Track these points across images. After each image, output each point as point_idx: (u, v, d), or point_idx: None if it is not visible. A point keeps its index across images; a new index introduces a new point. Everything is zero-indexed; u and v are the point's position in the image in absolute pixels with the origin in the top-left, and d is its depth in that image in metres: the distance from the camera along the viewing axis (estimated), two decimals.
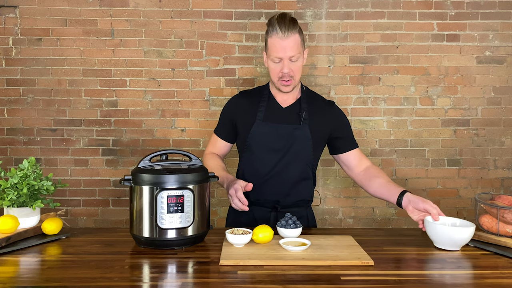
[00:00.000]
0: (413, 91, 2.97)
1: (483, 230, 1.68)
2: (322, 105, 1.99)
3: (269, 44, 1.82)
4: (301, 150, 1.90)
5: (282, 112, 1.93)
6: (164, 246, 1.56)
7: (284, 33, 1.76)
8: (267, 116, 1.91)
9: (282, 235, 1.62)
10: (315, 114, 1.94)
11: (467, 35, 2.95)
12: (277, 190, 1.91)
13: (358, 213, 3.02)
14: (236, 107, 1.99)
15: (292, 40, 1.78)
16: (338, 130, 1.99)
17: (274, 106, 1.94)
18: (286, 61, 1.80)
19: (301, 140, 1.89)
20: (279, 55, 1.79)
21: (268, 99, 1.96)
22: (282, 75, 1.82)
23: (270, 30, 1.80)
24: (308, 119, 1.91)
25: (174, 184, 1.55)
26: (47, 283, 1.26)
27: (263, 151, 1.90)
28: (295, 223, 1.63)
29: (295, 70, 1.83)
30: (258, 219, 1.95)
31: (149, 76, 2.94)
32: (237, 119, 1.97)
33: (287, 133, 1.89)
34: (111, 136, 2.95)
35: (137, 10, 2.91)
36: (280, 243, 1.51)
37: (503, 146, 3.00)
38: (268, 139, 1.89)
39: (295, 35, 1.79)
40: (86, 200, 2.97)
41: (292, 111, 1.93)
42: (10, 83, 2.91)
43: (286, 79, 1.83)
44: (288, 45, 1.78)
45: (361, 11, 2.93)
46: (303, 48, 1.86)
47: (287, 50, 1.78)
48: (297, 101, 1.96)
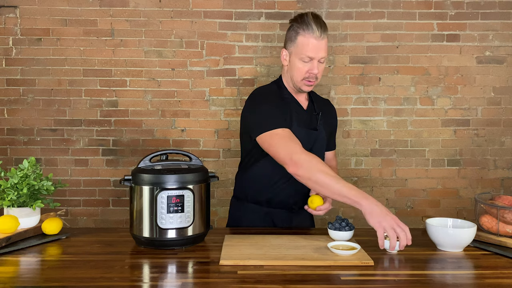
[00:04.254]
0: (413, 91, 2.97)
1: (483, 230, 1.68)
2: (325, 104, 2.00)
3: (300, 42, 1.76)
4: (319, 152, 1.88)
5: (305, 115, 1.90)
6: (164, 246, 1.56)
7: (321, 34, 1.74)
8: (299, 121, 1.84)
9: (334, 238, 1.59)
10: (324, 114, 1.93)
11: (467, 35, 2.95)
12: (296, 192, 1.90)
13: (358, 213, 3.00)
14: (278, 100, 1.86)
15: (326, 42, 1.77)
16: (333, 130, 2.02)
17: (299, 109, 1.89)
18: (316, 62, 1.78)
19: (321, 143, 1.90)
20: (311, 55, 1.76)
21: (292, 100, 1.89)
22: (309, 76, 1.79)
23: (304, 28, 1.75)
24: (322, 120, 1.91)
25: (174, 184, 1.55)
26: (47, 283, 1.26)
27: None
28: (349, 225, 1.61)
29: (321, 72, 1.82)
30: (276, 221, 1.93)
31: (149, 76, 2.94)
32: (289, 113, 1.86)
33: (314, 138, 1.87)
34: (111, 136, 2.95)
35: (137, 10, 2.91)
36: (329, 247, 1.49)
37: (503, 146, 3.00)
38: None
39: (326, 38, 1.78)
40: (86, 200, 2.97)
41: (311, 114, 1.92)
42: (10, 83, 2.91)
43: (312, 80, 1.81)
44: (323, 46, 1.76)
45: (361, 11, 2.93)
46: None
47: (321, 51, 1.76)
48: (310, 102, 1.95)
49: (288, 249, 1.51)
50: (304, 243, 1.58)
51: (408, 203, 3.01)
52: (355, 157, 2.99)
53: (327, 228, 1.64)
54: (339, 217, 1.63)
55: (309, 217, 2.03)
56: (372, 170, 2.99)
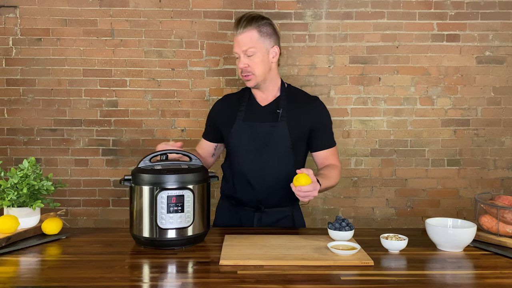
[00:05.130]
0: (413, 91, 2.97)
1: (483, 230, 1.68)
2: (303, 102, 1.96)
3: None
4: (281, 147, 1.89)
5: (261, 110, 1.95)
6: (164, 246, 1.56)
7: (239, 29, 1.85)
8: (247, 115, 1.94)
9: (334, 238, 1.59)
10: (294, 111, 1.92)
11: (467, 35, 2.95)
12: (260, 190, 1.91)
13: (358, 213, 3.02)
14: (218, 110, 2.04)
15: (246, 35, 1.84)
16: (318, 127, 1.94)
17: (254, 105, 1.97)
18: (242, 55, 1.86)
19: (279, 138, 1.88)
20: (234, 50, 1.88)
21: (249, 99, 1.98)
22: (242, 70, 1.88)
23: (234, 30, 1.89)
24: (287, 116, 1.90)
25: (174, 184, 1.55)
26: (47, 283, 1.26)
27: (243, 151, 1.91)
28: (349, 225, 1.61)
29: (253, 65, 1.85)
30: (243, 220, 1.96)
31: (149, 76, 2.94)
32: (219, 121, 2.00)
33: (264, 131, 1.89)
34: (111, 136, 2.95)
35: (137, 10, 2.91)
36: (329, 247, 1.49)
37: (503, 146, 3.00)
38: (247, 138, 1.90)
39: (250, 31, 1.85)
40: (86, 200, 2.97)
41: (270, 109, 1.94)
42: (10, 83, 2.91)
43: (244, 74, 1.88)
44: (241, 40, 1.85)
45: (361, 11, 2.93)
46: (264, 45, 1.86)
47: (240, 44, 1.85)
48: (276, 99, 1.96)
49: (288, 249, 1.51)
50: (304, 243, 1.58)
51: (408, 203, 3.01)
52: (355, 157, 2.99)
53: (327, 228, 1.64)
54: (339, 217, 1.63)
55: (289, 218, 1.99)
56: (372, 170, 2.99)
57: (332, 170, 1.90)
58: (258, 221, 1.93)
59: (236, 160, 1.93)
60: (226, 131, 1.95)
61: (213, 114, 2.05)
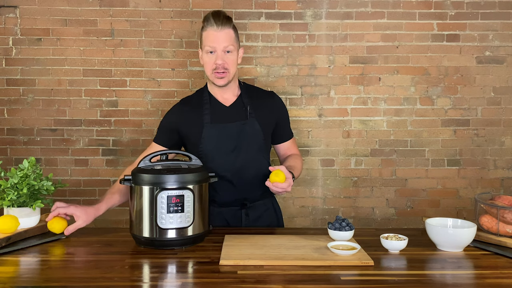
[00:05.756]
0: (413, 91, 2.97)
1: (483, 230, 1.68)
2: (264, 97, 2.03)
3: (203, 37, 1.90)
4: (254, 143, 1.93)
5: (227, 111, 1.96)
6: (164, 246, 1.57)
7: (218, 26, 1.86)
8: (214, 118, 1.93)
9: (334, 238, 1.59)
10: (259, 107, 1.97)
11: (467, 35, 2.95)
12: (243, 188, 1.92)
13: (358, 213, 3.02)
14: (180, 115, 1.99)
15: (226, 33, 1.87)
16: (281, 120, 2.04)
17: (218, 106, 1.96)
18: (220, 52, 1.86)
19: (252, 134, 1.92)
20: (213, 45, 1.86)
21: (210, 101, 1.97)
22: (216, 67, 1.87)
23: (205, 25, 1.90)
24: (254, 112, 1.94)
25: (174, 184, 1.55)
26: (47, 283, 1.27)
27: (218, 153, 1.91)
28: (349, 225, 1.61)
29: (229, 63, 1.88)
30: (229, 219, 1.95)
31: (149, 76, 2.94)
32: (183, 128, 1.96)
33: (237, 130, 1.91)
34: (111, 136, 2.95)
35: (137, 10, 2.91)
36: (329, 247, 1.49)
37: (503, 146, 3.00)
38: (221, 140, 1.90)
39: (229, 29, 1.88)
40: (86, 200, 2.97)
41: (236, 108, 1.96)
42: (10, 83, 2.91)
43: (220, 71, 1.87)
44: (222, 36, 1.86)
45: (361, 11, 2.93)
46: (238, 45, 1.93)
47: (221, 40, 1.85)
48: (238, 97, 1.98)
49: (288, 249, 1.51)
50: (304, 243, 1.58)
51: (408, 203, 3.01)
52: (355, 157, 2.99)
53: (327, 228, 1.64)
54: (339, 217, 1.63)
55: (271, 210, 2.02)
56: (372, 170, 2.99)
57: (297, 160, 2.01)
58: (246, 217, 1.94)
59: (213, 164, 1.89)
60: (195, 137, 1.92)
61: (173, 119, 1.99)
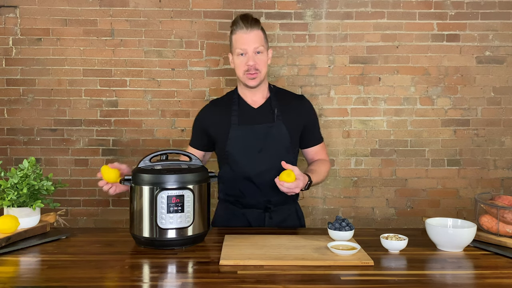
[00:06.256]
0: (413, 91, 2.97)
1: (483, 230, 1.68)
2: (293, 100, 2.03)
3: (233, 40, 1.92)
4: (280, 146, 1.92)
5: (255, 113, 1.96)
6: (164, 246, 1.56)
7: (248, 28, 1.87)
8: (241, 119, 1.94)
9: (334, 238, 1.59)
10: (287, 110, 1.97)
11: (467, 35, 2.95)
12: (266, 190, 1.91)
13: (358, 213, 3.02)
14: (208, 117, 2.02)
15: (256, 34, 1.88)
16: (309, 124, 2.02)
17: (246, 108, 1.97)
18: (251, 53, 1.88)
19: (279, 136, 1.92)
20: (243, 47, 1.88)
21: (239, 102, 1.99)
22: (247, 68, 1.88)
23: (234, 28, 1.91)
24: (282, 115, 1.94)
25: (174, 184, 1.55)
26: (47, 283, 1.27)
27: (244, 155, 1.91)
28: (349, 225, 1.61)
29: (260, 64, 1.89)
30: (252, 221, 1.96)
31: (149, 76, 2.94)
32: (211, 128, 1.99)
33: (263, 132, 1.91)
34: (111, 136, 2.95)
35: (137, 10, 2.91)
36: (329, 247, 1.49)
37: (503, 146, 3.00)
38: (247, 142, 1.91)
39: (258, 31, 1.90)
40: (86, 200, 2.97)
41: (264, 110, 1.96)
42: (10, 83, 2.91)
43: (251, 72, 1.88)
44: (252, 38, 1.87)
45: (361, 11, 2.93)
46: (267, 46, 1.95)
47: (251, 42, 1.87)
48: (267, 100, 1.99)
49: (288, 249, 1.51)
50: (304, 243, 1.58)
51: (408, 203, 3.01)
52: (355, 157, 2.99)
53: (327, 228, 1.64)
54: (339, 217, 1.63)
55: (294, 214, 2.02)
56: (372, 170, 2.99)
57: (322, 165, 1.99)
58: (270, 220, 1.94)
59: (238, 165, 1.92)
60: (222, 138, 1.94)
61: (202, 122, 2.03)
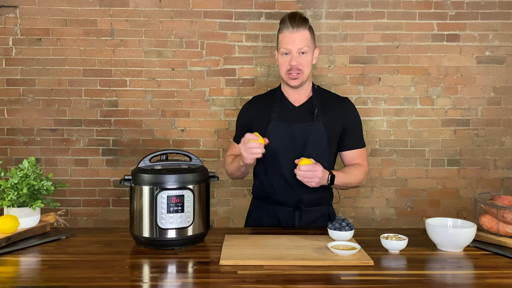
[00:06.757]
0: (413, 91, 2.97)
1: (483, 230, 1.68)
2: (335, 102, 2.01)
3: (280, 39, 1.90)
4: (318, 146, 1.91)
5: (296, 111, 1.96)
6: (164, 246, 1.57)
7: (294, 28, 1.84)
8: (282, 116, 1.94)
9: (334, 238, 1.59)
10: (328, 111, 1.95)
11: (467, 35, 2.95)
12: (299, 189, 1.90)
13: (358, 213, 3.01)
14: (250, 112, 2.04)
15: (302, 34, 1.85)
16: (349, 127, 1.99)
17: (287, 105, 1.97)
18: (295, 53, 1.86)
19: (317, 137, 1.91)
20: (288, 47, 1.86)
21: (281, 99, 1.99)
22: (290, 68, 1.87)
23: (281, 27, 1.88)
24: (321, 116, 1.93)
25: (174, 184, 1.55)
26: (47, 283, 1.27)
27: (280, 151, 1.91)
28: (349, 225, 1.61)
29: (304, 64, 1.87)
30: (282, 219, 1.95)
31: (149, 76, 2.94)
32: (253, 123, 1.99)
33: (302, 131, 1.91)
34: (111, 136, 2.95)
35: (137, 10, 2.91)
36: (329, 247, 1.49)
37: (503, 146, 3.00)
38: (284, 139, 1.91)
39: (305, 31, 1.86)
40: (86, 200, 2.97)
41: (305, 109, 1.96)
42: (10, 83, 2.91)
43: (294, 72, 1.87)
44: (297, 38, 1.85)
45: (361, 11, 2.93)
46: (313, 46, 1.92)
47: (296, 42, 1.85)
48: (309, 99, 1.98)
49: (288, 249, 1.51)
50: (304, 243, 1.58)
51: (408, 203, 3.01)
52: None
53: (327, 228, 1.64)
54: (339, 217, 1.63)
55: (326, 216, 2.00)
56: (372, 170, 2.99)
57: (354, 168, 1.95)
58: (299, 220, 1.94)
59: (273, 161, 1.92)
60: (261, 132, 1.89)
61: (246, 116, 2.04)
